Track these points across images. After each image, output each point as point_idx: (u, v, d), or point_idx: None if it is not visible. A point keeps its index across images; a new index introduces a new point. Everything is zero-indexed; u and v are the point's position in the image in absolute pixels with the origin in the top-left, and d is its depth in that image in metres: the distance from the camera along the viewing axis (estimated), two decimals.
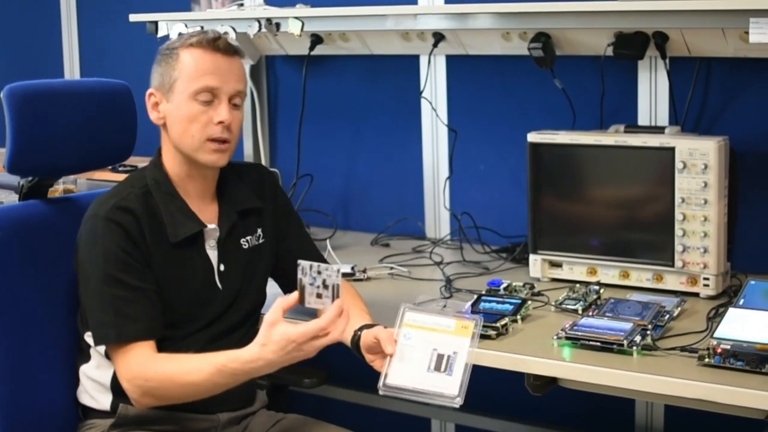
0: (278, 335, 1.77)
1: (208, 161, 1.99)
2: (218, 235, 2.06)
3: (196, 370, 1.87)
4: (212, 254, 2.06)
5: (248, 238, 2.12)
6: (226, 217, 2.08)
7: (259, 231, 2.14)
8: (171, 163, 2.04)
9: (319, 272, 1.75)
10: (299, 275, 1.76)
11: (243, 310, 2.10)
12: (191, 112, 1.97)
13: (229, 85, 1.98)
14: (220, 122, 1.97)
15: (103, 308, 1.93)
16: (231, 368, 1.83)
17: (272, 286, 2.23)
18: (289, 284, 2.20)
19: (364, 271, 2.52)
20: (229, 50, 2.00)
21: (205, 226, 2.04)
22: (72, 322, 2.11)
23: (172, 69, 1.98)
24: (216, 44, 1.98)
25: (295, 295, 1.78)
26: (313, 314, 1.89)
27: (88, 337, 2.04)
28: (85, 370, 2.08)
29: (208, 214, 2.07)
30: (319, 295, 1.76)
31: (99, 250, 1.94)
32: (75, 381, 2.11)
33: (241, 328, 2.09)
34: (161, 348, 1.95)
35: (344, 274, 2.26)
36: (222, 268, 2.06)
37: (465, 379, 1.75)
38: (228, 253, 2.08)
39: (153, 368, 1.90)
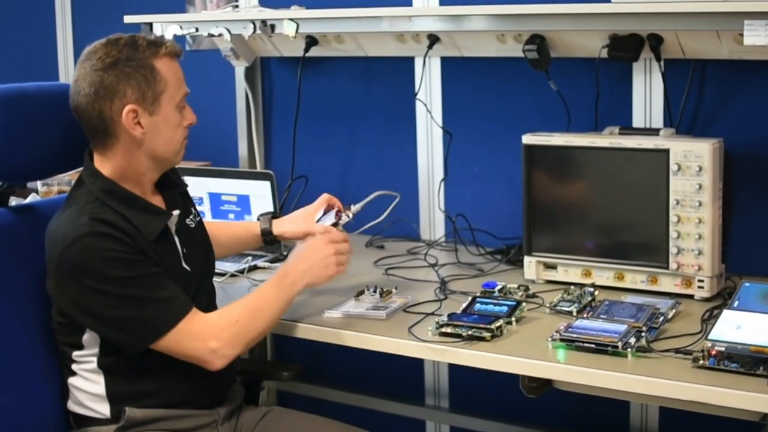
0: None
1: (180, 161, 2.10)
2: (176, 220, 2.09)
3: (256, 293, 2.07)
4: (176, 240, 2.08)
5: (191, 217, 2.17)
6: (174, 202, 2.12)
7: (192, 209, 2.20)
8: (121, 169, 2.02)
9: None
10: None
11: (209, 285, 2.18)
12: (176, 120, 2.05)
13: (187, 88, 2.08)
14: (190, 123, 2.07)
15: (141, 309, 1.93)
16: (281, 274, 2.09)
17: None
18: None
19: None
20: (181, 54, 2.07)
21: (170, 215, 2.06)
22: (43, 331, 2.06)
23: (154, 82, 1.98)
24: (176, 51, 2.05)
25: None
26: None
27: (77, 356, 2.02)
28: (73, 382, 2.06)
29: (159, 204, 2.10)
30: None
31: (103, 263, 1.91)
32: (59, 391, 2.08)
33: (210, 305, 2.15)
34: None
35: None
36: (185, 251, 2.09)
37: None
38: (184, 235, 2.11)
39: (222, 317, 2.02)
